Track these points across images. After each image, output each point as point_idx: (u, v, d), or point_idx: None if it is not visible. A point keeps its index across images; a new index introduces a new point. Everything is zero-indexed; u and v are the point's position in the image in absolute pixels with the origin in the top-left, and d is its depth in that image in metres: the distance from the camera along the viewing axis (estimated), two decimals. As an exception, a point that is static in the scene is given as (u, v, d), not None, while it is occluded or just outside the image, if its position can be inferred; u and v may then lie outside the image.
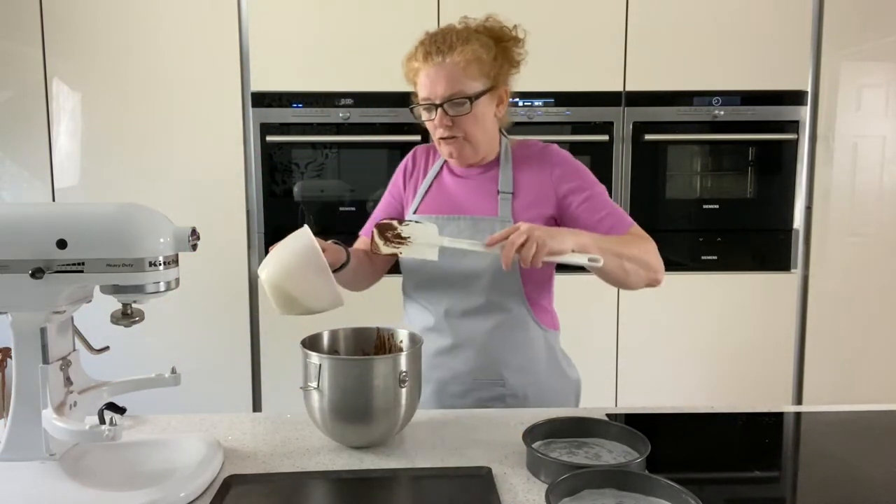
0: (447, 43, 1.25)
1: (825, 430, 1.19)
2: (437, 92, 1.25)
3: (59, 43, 2.31)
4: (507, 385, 1.31)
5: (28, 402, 0.95)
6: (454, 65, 1.24)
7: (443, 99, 1.25)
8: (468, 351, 1.32)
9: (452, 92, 1.24)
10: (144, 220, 0.95)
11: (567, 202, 1.30)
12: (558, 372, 1.38)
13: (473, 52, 1.24)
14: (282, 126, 2.37)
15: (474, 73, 1.25)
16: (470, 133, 1.28)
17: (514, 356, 1.32)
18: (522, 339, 1.32)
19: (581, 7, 2.37)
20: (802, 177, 2.47)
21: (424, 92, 1.27)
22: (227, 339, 2.42)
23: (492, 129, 1.33)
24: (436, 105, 1.26)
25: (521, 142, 1.40)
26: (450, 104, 1.25)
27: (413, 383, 1.07)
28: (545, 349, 1.35)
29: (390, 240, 1.17)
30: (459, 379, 1.32)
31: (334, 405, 1.04)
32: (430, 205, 1.37)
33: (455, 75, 1.24)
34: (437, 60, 1.24)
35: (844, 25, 2.41)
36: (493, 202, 1.31)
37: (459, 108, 1.25)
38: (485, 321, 1.31)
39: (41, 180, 2.35)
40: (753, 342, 2.49)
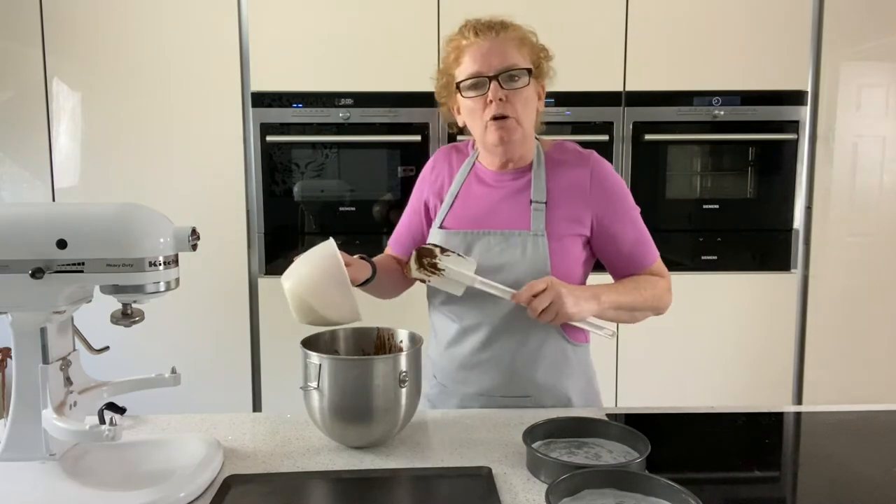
0: (498, 21, 1.24)
1: (825, 430, 1.19)
2: (491, 63, 1.21)
3: (59, 43, 2.31)
4: (534, 402, 1.27)
5: (28, 402, 0.95)
6: (509, 40, 1.22)
7: (497, 71, 1.20)
8: (495, 366, 1.27)
9: (508, 64, 1.21)
10: (144, 220, 0.95)
11: (604, 223, 1.27)
12: (587, 385, 1.35)
13: (524, 33, 1.25)
14: (282, 126, 2.37)
15: (526, 53, 1.24)
16: (520, 115, 1.23)
17: (542, 372, 1.27)
18: (550, 355, 1.27)
19: (581, 7, 2.37)
20: (802, 177, 2.47)
21: (475, 66, 1.22)
22: (227, 339, 2.42)
23: (534, 120, 1.29)
24: (489, 78, 1.20)
25: (556, 144, 1.33)
26: (504, 77, 1.21)
27: (413, 383, 1.07)
28: (573, 364, 1.31)
29: (425, 266, 1.18)
30: (486, 395, 1.28)
31: (334, 405, 1.04)
32: (458, 216, 1.31)
33: (510, 49, 1.22)
34: (491, 35, 1.22)
35: (844, 25, 2.41)
36: (525, 213, 1.25)
37: (515, 82, 1.22)
38: (513, 337, 1.26)
39: (41, 180, 2.35)
40: (753, 342, 2.49)
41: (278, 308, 2.40)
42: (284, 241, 2.43)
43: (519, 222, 1.25)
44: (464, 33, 1.25)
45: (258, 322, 2.43)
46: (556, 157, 1.30)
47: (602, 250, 1.30)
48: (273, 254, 2.42)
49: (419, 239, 1.38)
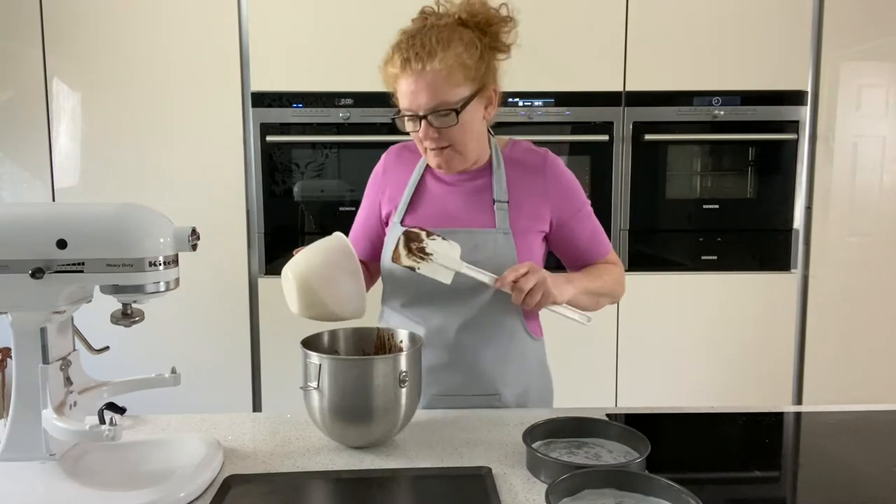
0: (426, 49, 1.13)
1: (825, 430, 1.19)
2: (419, 103, 1.16)
3: (59, 43, 2.31)
4: (503, 399, 1.29)
5: (28, 402, 0.95)
6: (436, 73, 1.13)
7: (426, 110, 1.16)
8: (462, 366, 1.28)
9: (436, 103, 1.15)
10: (144, 220, 0.95)
11: (562, 219, 1.30)
12: (545, 378, 1.38)
13: (456, 56, 1.14)
14: (282, 126, 2.37)
15: (458, 80, 1.15)
16: (458, 142, 1.20)
17: (509, 368, 1.29)
18: (516, 351, 1.30)
19: (581, 7, 2.37)
20: (802, 177, 2.47)
21: (406, 102, 1.18)
22: (227, 339, 2.42)
23: (481, 134, 1.25)
24: (419, 116, 1.17)
25: (512, 143, 1.33)
26: (434, 115, 1.16)
27: (413, 383, 1.07)
28: (535, 358, 1.35)
29: (413, 252, 1.15)
30: (454, 394, 1.29)
31: (334, 405, 1.04)
32: (416, 216, 1.29)
33: (437, 85, 1.14)
34: (417, 68, 1.14)
35: (844, 25, 2.41)
36: (487, 212, 1.26)
37: (445, 119, 1.16)
38: (479, 334, 1.27)
39: (41, 180, 2.35)
40: (753, 342, 2.49)
41: (278, 308, 2.40)
42: (284, 241, 2.43)
43: (483, 220, 1.26)
44: (393, 60, 1.18)
45: (258, 322, 2.43)
46: (514, 156, 1.31)
47: (559, 245, 1.34)
48: (273, 254, 2.42)
49: (376, 240, 1.38)
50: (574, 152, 2.44)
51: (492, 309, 1.26)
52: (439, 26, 1.17)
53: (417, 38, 1.16)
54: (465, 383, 1.29)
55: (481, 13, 1.20)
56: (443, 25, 1.18)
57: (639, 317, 2.47)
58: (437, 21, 1.19)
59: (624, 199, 2.45)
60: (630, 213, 2.45)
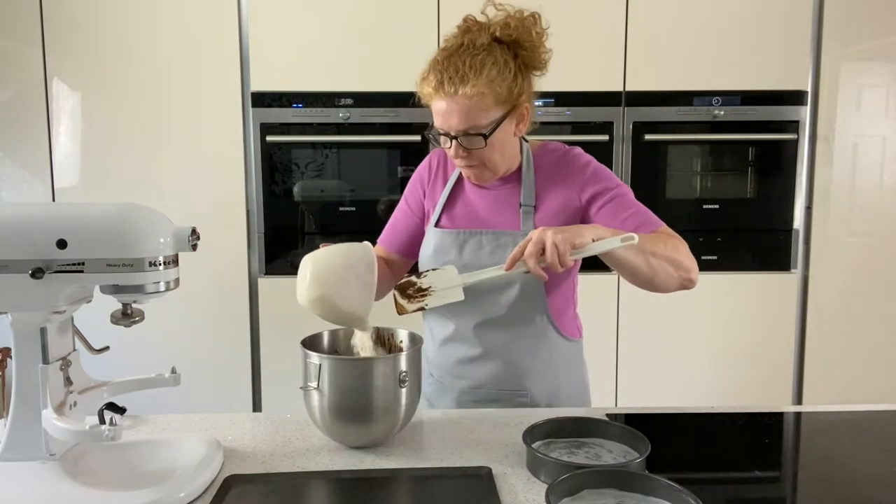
0: (459, 74, 1.16)
1: (825, 430, 1.19)
2: (450, 124, 1.19)
3: (59, 43, 2.31)
4: (530, 395, 1.30)
5: (28, 402, 0.95)
6: (467, 98, 1.16)
7: (457, 132, 1.19)
8: (492, 361, 1.30)
9: (467, 126, 1.18)
10: (144, 220, 0.95)
11: (591, 207, 1.27)
12: (579, 380, 1.38)
13: (489, 82, 1.16)
14: (282, 126, 2.37)
15: (489, 104, 1.18)
16: (488, 160, 1.23)
17: (537, 366, 1.30)
18: (545, 349, 1.30)
19: (581, 7, 2.37)
20: (802, 177, 2.47)
21: (438, 122, 1.21)
22: (227, 339, 2.42)
23: (512, 149, 1.27)
24: (451, 136, 1.20)
25: (541, 145, 1.35)
26: (464, 137, 1.19)
27: (413, 383, 1.07)
28: (568, 358, 1.34)
29: (413, 296, 1.16)
30: (483, 389, 1.31)
31: (334, 405, 1.04)
32: (451, 217, 1.34)
33: (469, 110, 1.17)
34: (450, 92, 1.17)
35: (844, 25, 2.41)
36: (515, 215, 1.28)
37: (474, 140, 1.19)
38: (508, 332, 1.28)
39: (41, 180, 2.35)
40: (753, 342, 2.49)
41: (278, 308, 2.41)
42: (284, 241, 2.43)
43: (510, 223, 1.28)
44: (429, 79, 1.20)
45: (258, 322, 2.43)
46: (542, 159, 1.32)
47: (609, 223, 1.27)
48: (273, 254, 2.42)
49: (416, 237, 1.40)
50: (574, 152, 2.43)
51: (518, 307, 1.27)
52: (475, 47, 1.19)
53: (453, 61, 1.18)
54: (493, 378, 1.31)
55: (515, 34, 1.21)
56: (478, 46, 1.19)
57: (639, 317, 2.47)
58: (474, 37, 1.20)
59: (624, 199, 2.44)
60: (630, 213, 2.45)
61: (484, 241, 1.27)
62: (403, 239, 1.41)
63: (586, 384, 1.40)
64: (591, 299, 2.45)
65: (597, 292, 2.46)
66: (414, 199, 1.42)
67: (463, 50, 1.19)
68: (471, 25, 1.23)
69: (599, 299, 2.46)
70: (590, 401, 1.41)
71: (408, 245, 1.41)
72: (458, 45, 1.21)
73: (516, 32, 1.21)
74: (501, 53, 1.20)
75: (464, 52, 1.18)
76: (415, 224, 1.41)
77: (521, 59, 1.22)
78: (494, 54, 1.19)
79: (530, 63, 1.24)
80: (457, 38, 1.23)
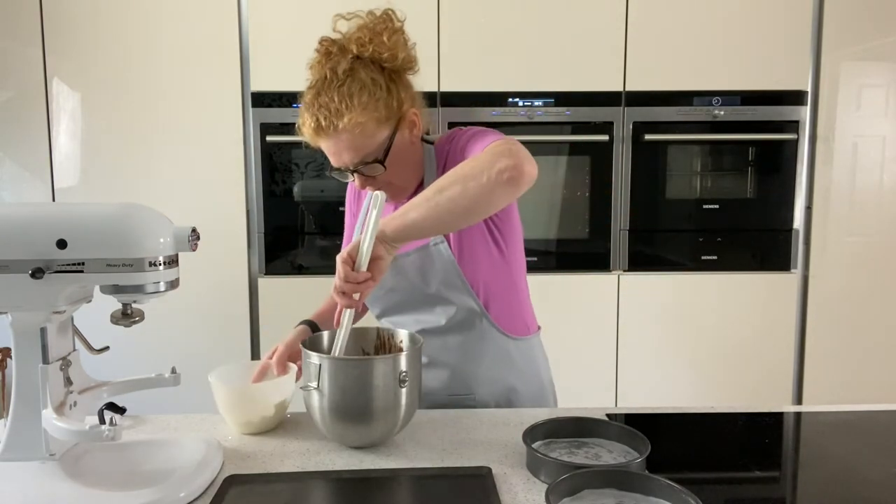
0: (332, 110, 1.13)
1: (825, 430, 1.19)
2: (343, 161, 1.18)
3: (59, 43, 2.31)
4: (478, 398, 1.31)
5: (28, 402, 0.95)
6: (348, 132, 1.14)
7: (353, 165, 1.18)
8: (437, 369, 1.31)
9: (360, 157, 1.17)
10: (144, 220, 0.95)
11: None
12: (534, 377, 1.37)
13: (363, 109, 1.13)
14: (282, 126, 2.37)
15: (372, 130, 1.16)
16: (393, 179, 1.21)
17: (483, 369, 1.30)
18: (491, 352, 1.30)
19: (581, 7, 2.37)
20: (802, 177, 2.47)
21: (332, 161, 1.20)
22: (227, 339, 2.42)
23: (413, 158, 1.25)
24: (350, 171, 1.19)
25: (439, 141, 1.30)
26: (363, 166, 1.18)
27: (413, 383, 1.07)
28: (516, 357, 1.33)
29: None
30: (433, 395, 1.31)
31: (334, 405, 1.04)
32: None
33: (354, 141, 1.15)
34: (329, 131, 1.15)
35: (844, 25, 2.41)
36: None
37: (373, 168, 1.18)
38: (451, 339, 1.29)
39: (41, 180, 2.35)
40: (753, 342, 2.49)
41: (278, 308, 2.41)
42: (284, 241, 2.43)
43: None
44: (305, 126, 1.17)
45: (258, 322, 2.43)
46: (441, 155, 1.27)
47: None
48: (273, 254, 2.42)
49: None
50: (574, 152, 2.44)
51: (457, 314, 1.27)
52: (338, 76, 1.15)
53: (321, 100, 1.15)
54: (441, 384, 1.31)
55: (371, 46, 1.17)
56: (342, 75, 1.15)
57: (639, 317, 2.47)
58: (335, 64, 1.16)
59: (624, 199, 2.45)
60: (630, 213, 2.45)
61: (401, 265, 1.25)
62: None
63: (544, 381, 1.39)
64: (591, 299, 2.46)
65: (597, 292, 2.46)
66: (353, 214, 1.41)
67: (328, 84, 1.16)
68: (329, 47, 1.20)
69: (599, 299, 2.46)
70: (553, 398, 1.40)
71: None
72: (322, 78, 1.17)
73: (371, 45, 1.17)
74: (367, 73, 1.16)
75: (329, 87, 1.15)
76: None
77: (387, 69, 1.19)
78: (359, 77, 1.15)
79: (398, 68, 1.21)
80: (320, 64, 1.19)
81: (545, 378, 1.40)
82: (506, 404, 1.32)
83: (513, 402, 1.33)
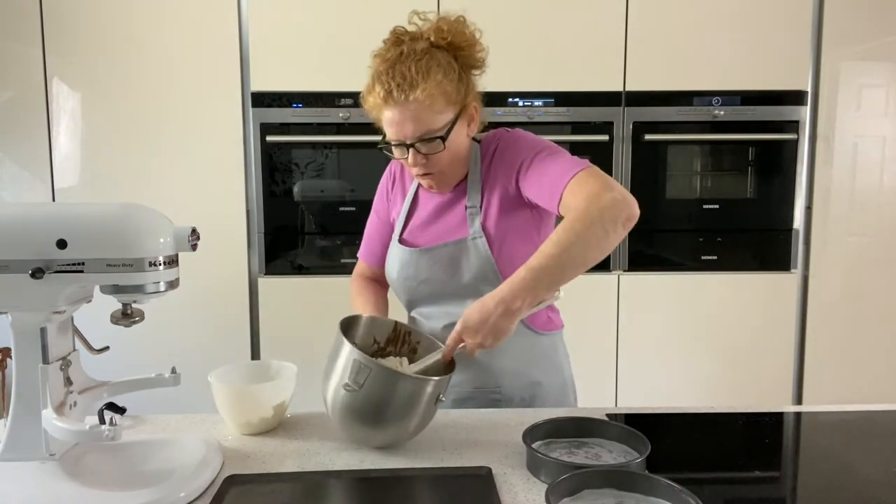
0: (407, 80, 1.16)
1: (825, 430, 1.19)
2: (405, 132, 1.18)
3: (59, 43, 2.31)
4: (503, 392, 1.31)
5: (28, 402, 0.95)
6: (419, 103, 1.16)
7: (413, 139, 1.18)
8: (466, 361, 1.29)
9: (422, 132, 1.18)
10: (144, 220, 0.95)
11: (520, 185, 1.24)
12: (557, 373, 1.38)
13: (437, 84, 1.16)
14: (282, 126, 2.37)
15: (441, 106, 1.18)
16: (445, 165, 1.23)
17: (509, 363, 1.31)
18: (518, 346, 1.30)
19: (581, 7, 2.37)
20: (802, 177, 2.47)
21: (392, 132, 1.20)
22: (227, 339, 2.42)
23: (465, 151, 1.27)
24: (407, 145, 1.20)
25: (486, 139, 1.33)
26: (421, 143, 1.19)
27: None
28: (541, 353, 1.35)
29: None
30: (457, 388, 1.32)
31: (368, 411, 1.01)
32: (411, 230, 1.35)
33: (422, 114, 1.16)
34: (400, 99, 1.16)
35: (844, 25, 2.41)
36: (463, 219, 1.28)
37: (431, 145, 1.19)
38: None
39: (41, 180, 2.35)
40: (753, 342, 2.49)
41: (278, 308, 2.41)
42: (284, 241, 2.43)
43: (459, 229, 1.28)
44: (375, 91, 1.20)
45: (258, 322, 2.43)
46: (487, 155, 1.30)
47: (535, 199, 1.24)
48: (273, 254, 2.42)
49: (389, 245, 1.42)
50: (574, 152, 2.40)
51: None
52: (416, 52, 1.19)
53: (397, 68, 1.18)
54: (468, 377, 1.32)
55: (450, 36, 1.22)
56: (420, 52, 1.19)
57: (639, 317, 2.47)
58: (412, 46, 1.20)
59: (624, 199, 2.44)
60: (630, 213, 2.44)
61: (437, 255, 1.27)
62: (381, 252, 1.43)
63: (566, 377, 1.40)
64: (591, 299, 2.46)
65: (597, 292, 2.46)
66: (382, 209, 1.44)
67: (405, 57, 1.18)
68: (401, 36, 1.23)
69: (599, 299, 2.46)
70: (573, 395, 1.41)
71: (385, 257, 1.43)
72: (399, 54, 1.20)
73: (451, 35, 1.22)
74: (443, 56, 1.20)
75: (406, 59, 1.18)
76: (387, 234, 1.42)
77: (461, 60, 1.23)
78: (437, 57, 1.19)
79: (469, 63, 1.25)
80: (389, 50, 1.22)
81: (567, 374, 1.40)
82: (530, 399, 1.32)
83: (536, 397, 1.33)
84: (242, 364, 1.26)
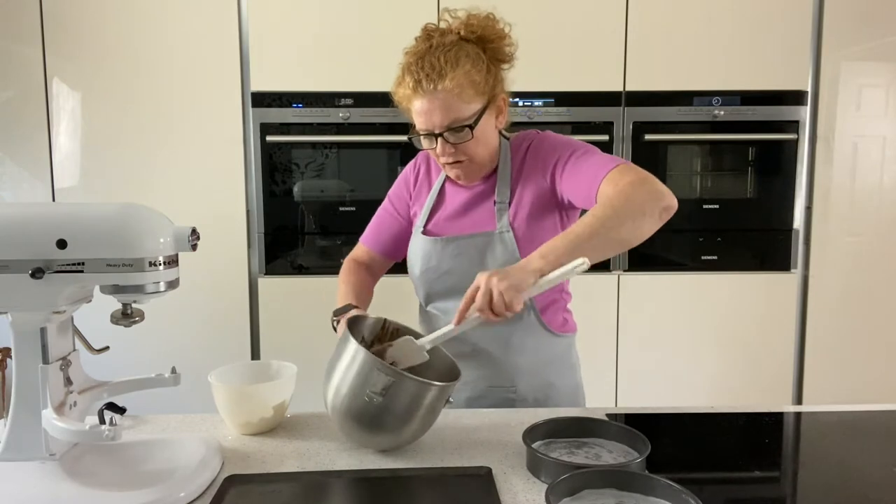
0: (436, 69, 1.18)
1: (825, 430, 1.19)
2: (434, 122, 1.20)
3: (59, 43, 2.31)
4: (518, 391, 1.32)
5: (28, 402, 0.95)
6: (448, 92, 1.17)
7: (442, 128, 1.20)
8: (482, 358, 1.31)
9: (451, 121, 1.19)
10: (144, 220, 0.95)
11: (555, 183, 1.25)
12: (570, 375, 1.38)
13: (465, 74, 1.18)
14: (282, 126, 2.37)
15: (470, 96, 1.19)
16: (474, 154, 1.24)
17: (525, 362, 1.31)
18: (534, 346, 1.31)
19: (581, 7, 2.37)
20: (802, 177, 2.47)
21: (421, 122, 1.22)
22: (227, 339, 2.42)
23: (494, 143, 1.29)
24: (436, 135, 1.21)
25: (516, 138, 1.35)
26: (450, 132, 1.20)
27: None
28: (557, 354, 1.35)
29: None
30: (472, 385, 1.32)
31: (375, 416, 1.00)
32: (436, 222, 1.35)
33: (450, 103, 1.18)
34: (429, 89, 1.18)
35: (844, 25, 2.41)
36: (491, 213, 1.29)
37: (460, 134, 1.21)
38: (496, 329, 1.29)
39: (41, 180, 2.35)
40: (753, 342, 2.49)
41: (278, 308, 2.41)
42: (284, 241, 2.43)
43: (486, 223, 1.29)
44: (405, 82, 1.21)
45: (258, 322, 2.43)
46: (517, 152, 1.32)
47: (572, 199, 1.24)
48: (273, 254, 2.42)
49: (400, 239, 1.42)
50: (574, 152, 2.43)
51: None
52: (445, 45, 1.21)
53: (426, 59, 1.19)
54: (483, 375, 1.32)
55: (479, 30, 1.24)
56: (448, 44, 1.21)
57: (639, 317, 2.47)
58: (441, 39, 1.22)
59: (624, 199, 2.44)
60: (630, 213, 2.44)
61: (463, 245, 1.28)
62: (387, 240, 1.44)
63: (578, 380, 1.40)
64: (591, 299, 2.46)
65: (597, 292, 2.46)
66: (399, 200, 1.44)
67: (434, 49, 1.21)
68: (431, 32, 1.25)
69: (599, 299, 2.46)
70: (583, 397, 1.41)
71: (391, 247, 1.44)
72: (428, 46, 1.22)
73: (480, 29, 1.24)
74: (472, 48, 1.22)
75: (435, 51, 1.20)
76: (399, 226, 1.43)
77: (489, 52, 1.25)
78: (466, 49, 1.21)
79: (498, 56, 1.27)
80: (419, 45, 1.24)
81: (579, 378, 1.41)
82: (543, 399, 1.33)
83: (550, 397, 1.33)
84: (242, 364, 1.26)
